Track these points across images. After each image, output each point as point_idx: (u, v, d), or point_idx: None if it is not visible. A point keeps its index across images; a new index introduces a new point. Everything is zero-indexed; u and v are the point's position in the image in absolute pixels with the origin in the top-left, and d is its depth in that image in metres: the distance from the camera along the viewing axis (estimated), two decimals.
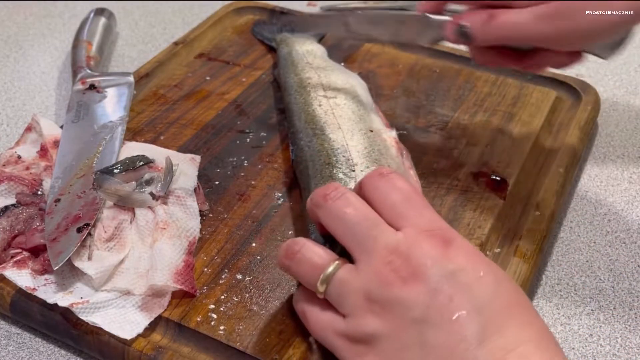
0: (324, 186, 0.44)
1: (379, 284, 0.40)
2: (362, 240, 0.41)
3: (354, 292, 0.41)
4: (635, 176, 0.64)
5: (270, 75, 0.72)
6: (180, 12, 0.89)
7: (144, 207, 0.52)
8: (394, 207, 0.42)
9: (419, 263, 0.39)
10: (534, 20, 0.49)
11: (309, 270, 0.43)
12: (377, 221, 0.42)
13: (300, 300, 0.45)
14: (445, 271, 0.39)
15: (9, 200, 0.53)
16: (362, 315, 0.40)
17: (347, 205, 0.43)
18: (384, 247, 0.41)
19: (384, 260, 0.40)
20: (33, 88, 0.75)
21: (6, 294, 0.49)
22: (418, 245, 0.40)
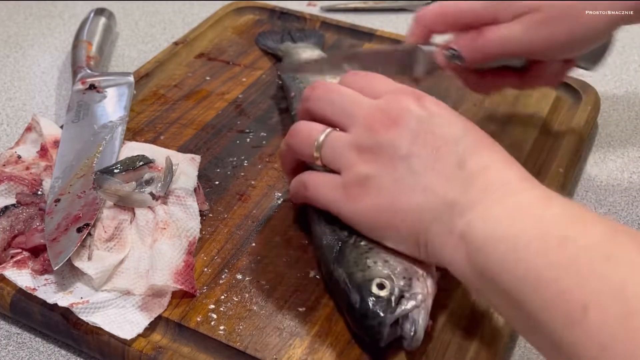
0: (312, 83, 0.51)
1: (367, 134, 0.45)
2: (347, 109, 0.47)
3: (346, 147, 0.46)
4: (635, 176, 0.64)
5: (270, 76, 0.72)
6: (180, 12, 0.89)
7: (144, 207, 0.52)
8: (368, 85, 0.48)
9: (399, 112, 0.45)
10: (523, 31, 0.50)
11: (306, 140, 0.48)
12: (358, 94, 0.48)
13: (300, 177, 0.50)
14: (422, 116, 0.45)
15: (9, 200, 0.53)
16: (356, 163, 0.46)
17: (330, 89, 0.49)
18: (367, 107, 0.47)
19: (369, 116, 0.46)
20: (33, 88, 0.75)
21: (6, 294, 0.49)
22: (395, 101, 0.46)
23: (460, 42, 0.53)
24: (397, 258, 0.46)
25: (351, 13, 0.89)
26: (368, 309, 0.44)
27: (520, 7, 0.50)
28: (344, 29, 0.79)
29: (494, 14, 0.51)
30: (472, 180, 0.42)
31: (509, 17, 0.50)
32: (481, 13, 0.52)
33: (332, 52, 0.67)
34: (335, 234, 0.48)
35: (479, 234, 0.40)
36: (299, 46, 0.72)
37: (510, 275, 0.38)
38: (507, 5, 0.51)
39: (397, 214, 0.44)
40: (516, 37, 0.50)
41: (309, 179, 0.49)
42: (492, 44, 0.52)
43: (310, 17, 0.81)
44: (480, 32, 0.52)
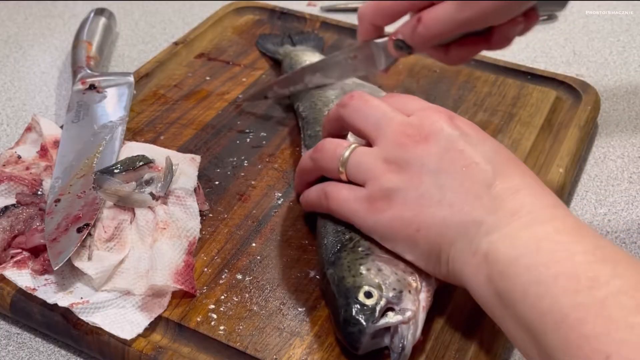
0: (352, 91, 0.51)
1: (396, 148, 0.45)
2: (379, 122, 0.47)
3: (372, 160, 0.46)
4: (635, 176, 0.64)
5: (270, 76, 0.72)
6: (180, 12, 0.89)
7: (144, 207, 0.52)
8: (404, 104, 0.48)
9: (430, 129, 0.45)
10: (457, 9, 0.49)
11: (332, 154, 0.48)
12: (392, 109, 0.47)
13: (318, 188, 0.50)
14: (454, 134, 0.44)
15: (9, 200, 0.53)
16: (381, 175, 0.45)
17: (368, 101, 0.49)
18: (399, 123, 0.46)
19: (399, 130, 0.46)
20: (33, 88, 0.75)
21: (6, 294, 0.49)
22: (428, 118, 0.46)
23: (402, 30, 0.53)
24: (392, 268, 0.45)
25: (351, 13, 0.89)
26: (350, 315, 0.43)
27: None
28: (344, 29, 0.79)
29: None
30: (501, 201, 0.41)
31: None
32: None
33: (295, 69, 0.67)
34: (337, 236, 0.48)
35: (503, 257, 0.39)
36: (298, 49, 0.72)
37: (533, 307, 0.37)
38: None
39: (420, 228, 0.43)
40: (452, 16, 0.50)
41: (332, 189, 0.49)
42: (431, 27, 0.51)
43: (310, 17, 0.81)
44: (420, 17, 0.51)
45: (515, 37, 0.54)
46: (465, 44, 0.54)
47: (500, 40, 0.54)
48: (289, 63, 0.70)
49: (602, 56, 0.81)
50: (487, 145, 0.44)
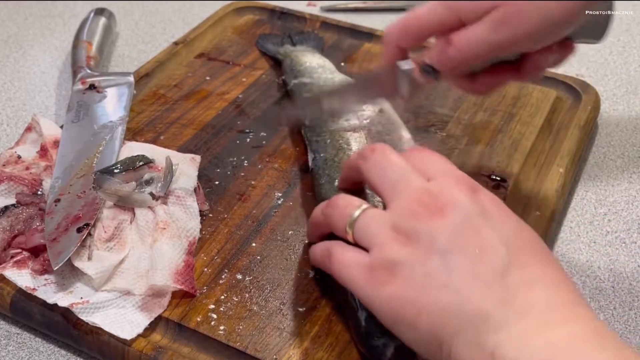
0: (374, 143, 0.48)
1: (408, 216, 0.41)
2: (396, 184, 0.43)
3: (381, 226, 0.42)
4: (635, 176, 0.64)
5: (270, 76, 0.72)
6: (180, 12, 0.89)
7: (144, 207, 0.52)
8: (427, 165, 0.45)
9: (447, 200, 0.41)
10: (491, 30, 0.46)
11: (342, 212, 0.45)
12: (412, 170, 0.44)
13: (324, 246, 0.47)
14: (474, 211, 0.41)
15: (9, 200, 0.53)
16: (388, 244, 0.41)
17: (389, 158, 0.45)
18: (416, 188, 0.43)
19: (414, 197, 0.42)
20: (33, 88, 0.75)
21: (6, 294, 0.49)
22: (448, 187, 0.42)
23: (430, 54, 0.50)
24: None
25: (351, 13, 0.89)
26: (373, 329, 0.43)
27: (480, 6, 0.46)
28: (344, 29, 0.79)
29: (458, 16, 0.48)
30: (514, 294, 0.38)
31: (474, 18, 0.47)
32: (444, 19, 0.49)
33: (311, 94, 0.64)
34: None
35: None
36: (298, 49, 0.72)
37: None
38: (469, 6, 0.47)
39: (421, 312, 0.39)
40: (485, 38, 0.47)
41: (336, 250, 0.45)
42: (462, 50, 0.48)
43: (310, 17, 0.81)
44: (449, 40, 0.48)
45: (547, 67, 0.52)
46: (494, 72, 0.52)
47: (531, 70, 0.51)
48: (289, 64, 0.70)
49: (602, 56, 0.81)
50: (508, 226, 0.41)
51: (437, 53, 0.49)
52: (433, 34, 0.50)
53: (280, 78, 0.70)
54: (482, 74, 0.52)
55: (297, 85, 0.66)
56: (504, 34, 0.46)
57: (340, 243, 0.45)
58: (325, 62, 0.69)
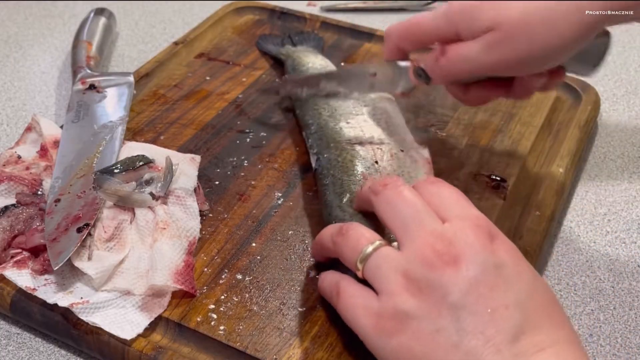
0: (386, 177, 0.47)
1: (420, 264, 0.40)
2: (409, 224, 0.42)
3: (393, 269, 0.41)
4: (635, 176, 0.64)
5: (270, 76, 0.72)
6: (180, 12, 0.89)
7: (144, 207, 0.52)
8: (442, 202, 0.43)
9: (463, 249, 0.40)
10: (483, 51, 0.48)
11: (353, 246, 0.44)
12: (426, 209, 0.43)
13: (333, 279, 0.46)
14: (488, 263, 0.39)
15: (9, 200, 0.53)
16: (398, 293, 0.40)
17: (401, 194, 0.44)
18: (430, 232, 0.41)
19: (428, 243, 0.40)
20: (33, 88, 0.75)
21: (6, 294, 0.49)
22: (463, 233, 0.40)
23: (425, 60, 0.52)
24: None
25: (351, 13, 0.89)
26: None
27: (479, 26, 0.48)
28: (344, 29, 0.79)
29: (456, 30, 0.49)
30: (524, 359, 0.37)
31: (470, 35, 0.49)
32: (443, 30, 0.50)
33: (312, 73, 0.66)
34: None
35: None
36: (299, 50, 0.72)
37: None
38: (468, 23, 0.48)
39: None
40: (476, 57, 0.48)
41: (344, 289, 0.44)
42: (454, 64, 0.50)
43: (310, 17, 0.81)
44: (444, 50, 0.50)
45: (535, 91, 0.53)
46: (485, 86, 0.53)
47: (521, 91, 0.53)
48: (291, 64, 0.70)
49: None
50: (523, 281, 0.40)
51: (431, 60, 0.51)
52: (431, 42, 0.51)
53: (283, 78, 0.70)
54: (474, 86, 0.53)
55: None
56: (494, 57, 0.48)
57: (349, 280, 0.44)
58: (328, 63, 0.69)
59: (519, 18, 0.47)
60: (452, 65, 0.50)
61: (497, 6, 0.47)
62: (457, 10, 0.49)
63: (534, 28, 0.47)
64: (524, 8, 0.47)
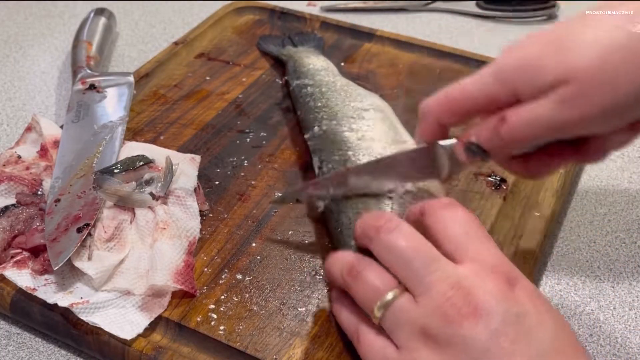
0: (376, 216, 0.43)
1: (438, 318, 0.38)
2: (420, 275, 0.40)
3: (411, 323, 0.39)
4: (635, 176, 0.64)
5: (270, 76, 0.72)
6: (180, 12, 0.89)
7: (144, 207, 0.52)
8: (455, 238, 0.41)
9: (482, 300, 0.38)
10: (556, 109, 0.40)
11: (369, 292, 0.41)
12: (435, 255, 0.40)
13: (352, 321, 0.44)
14: (509, 313, 0.38)
15: (9, 200, 0.53)
16: (417, 349, 0.39)
17: (402, 238, 0.41)
18: (445, 281, 0.39)
19: (445, 295, 0.38)
20: (33, 88, 0.75)
21: (6, 294, 0.49)
22: (481, 282, 0.38)
23: (479, 132, 0.44)
24: None
25: (351, 13, 0.89)
26: None
27: (544, 81, 0.40)
28: (344, 29, 0.79)
29: (513, 91, 0.42)
30: None
31: (533, 94, 0.41)
32: (496, 94, 0.42)
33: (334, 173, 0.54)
34: None
35: None
36: (300, 50, 0.72)
37: None
38: (530, 81, 0.41)
39: None
40: (547, 117, 0.41)
41: (365, 336, 0.42)
42: (518, 130, 0.42)
43: (310, 17, 0.81)
44: (504, 117, 0.42)
45: (613, 150, 0.46)
46: (550, 152, 0.45)
47: (595, 153, 0.45)
48: (292, 65, 0.69)
49: None
50: (546, 329, 0.38)
51: (488, 131, 0.43)
52: (481, 111, 0.44)
53: (284, 78, 0.70)
54: (536, 154, 0.45)
55: (298, 86, 0.66)
56: (571, 114, 0.40)
57: (369, 326, 0.42)
58: (329, 65, 0.69)
59: (595, 65, 0.40)
60: (517, 132, 0.42)
61: (563, 57, 0.40)
62: (512, 69, 0.42)
63: (615, 72, 0.39)
64: (599, 52, 0.40)
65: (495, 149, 0.44)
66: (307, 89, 0.64)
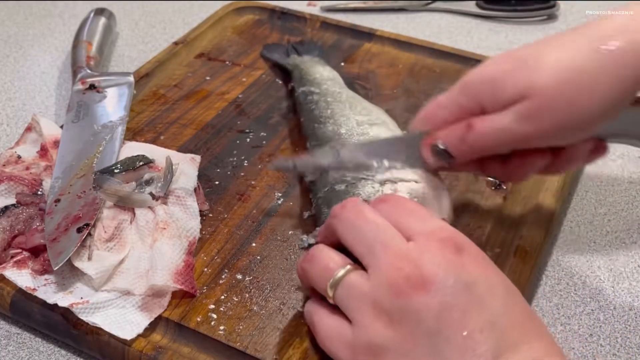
0: (346, 199, 0.44)
1: (388, 291, 0.39)
2: (372, 245, 0.41)
3: (362, 297, 0.40)
4: (635, 176, 0.64)
5: (270, 76, 0.72)
6: (180, 12, 0.89)
7: (144, 207, 0.52)
8: (401, 218, 0.42)
9: (430, 271, 0.38)
10: (516, 121, 0.43)
11: (322, 272, 0.43)
12: (388, 228, 0.41)
13: (310, 309, 0.45)
14: (459, 282, 0.38)
15: (9, 200, 0.53)
16: (370, 324, 0.39)
17: (360, 213, 0.43)
18: (394, 253, 0.40)
19: (394, 266, 0.39)
20: (33, 88, 0.75)
21: (6, 294, 0.49)
22: (429, 252, 0.39)
23: (447, 137, 0.47)
24: None
25: (351, 13, 0.89)
26: None
27: (507, 95, 0.44)
28: (344, 29, 0.79)
29: (479, 103, 0.45)
30: None
31: (498, 106, 0.44)
32: (465, 105, 0.46)
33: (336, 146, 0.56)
34: None
35: None
36: (305, 60, 0.71)
37: None
38: (493, 94, 0.44)
39: None
40: (509, 128, 0.44)
41: (319, 321, 0.43)
42: (483, 138, 0.45)
43: (310, 17, 0.81)
44: (471, 124, 0.45)
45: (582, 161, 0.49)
46: (528, 156, 0.48)
47: (566, 162, 0.48)
48: (299, 74, 0.68)
49: None
50: (496, 297, 0.38)
51: (455, 138, 0.46)
52: (454, 120, 0.47)
53: (290, 85, 0.69)
54: (514, 158, 0.48)
55: (304, 93, 0.65)
56: (529, 127, 0.43)
57: (323, 310, 0.43)
58: (335, 76, 0.68)
59: (553, 84, 0.42)
60: (481, 140, 0.45)
61: (524, 73, 0.43)
62: (477, 82, 0.46)
63: (571, 92, 0.42)
64: (557, 72, 0.42)
65: (459, 152, 0.47)
66: (312, 96, 0.64)
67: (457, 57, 0.74)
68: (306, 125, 0.62)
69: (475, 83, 0.46)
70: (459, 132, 0.46)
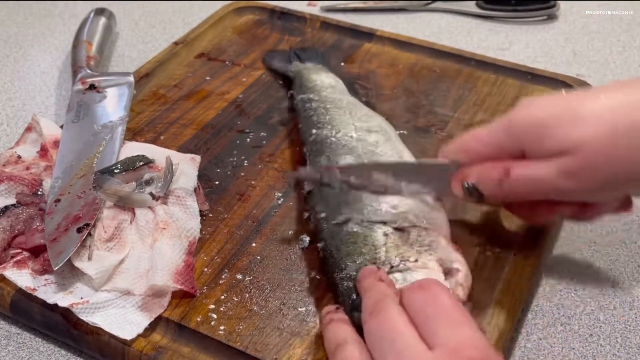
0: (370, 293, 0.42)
1: None
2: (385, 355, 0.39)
3: None
4: None
5: (270, 76, 0.72)
6: (180, 12, 0.89)
7: (144, 207, 0.52)
8: (427, 322, 0.39)
9: None
10: (557, 176, 0.42)
11: None
12: (413, 340, 0.39)
13: None
14: None
15: (9, 200, 0.53)
16: None
17: (384, 323, 0.40)
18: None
19: None
20: (33, 88, 0.75)
21: (6, 294, 0.49)
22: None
23: (481, 177, 0.46)
24: None
25: (351, 13, 0.89)
26: None
27: (553, 147, 0.42)
28: (344, 29, 0.79)
29: (521, 148, 0.44)
30: None
31: (542, 154, 0.43)
32: (506, 146, 0.45)
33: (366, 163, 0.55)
34: None
35: None
36: (307, 67, 0.70)
37: None
38: (538, 142, 0.43)
39: None
40: (548, 181, 0.43)
41: None
42: (519, 186, 0.44)
43: (310, 17, 0.81)
44: (509, 170, 0.44)
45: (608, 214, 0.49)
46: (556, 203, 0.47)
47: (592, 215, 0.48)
48: (299, 81, 0.68)
49: (602, 56, 0.81)
50: None
51: (490, 180, 0.45)
52: (491, 156, 0.46)
53: (290, 92, 0.69)
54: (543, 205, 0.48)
55: (302, 100, 0.65)
56: (570, 184, 0.43)
57: None
58: (337, 83, 0.67)
59: (601, 141, 0.41)
60: (517, 187, 0.44)
61: (572, 128, 0.42)
62: (523, 125, 0.44)
63: (618, 154, 0.41)
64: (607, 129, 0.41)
65: (493, 197, 0.46)
66: (311, 103, 0.63)
67: (457, 57, 0.74)
68: (304, 132, 0.61)
69: (522, 126, 0.44)
70: (495, 175, 0.45)
